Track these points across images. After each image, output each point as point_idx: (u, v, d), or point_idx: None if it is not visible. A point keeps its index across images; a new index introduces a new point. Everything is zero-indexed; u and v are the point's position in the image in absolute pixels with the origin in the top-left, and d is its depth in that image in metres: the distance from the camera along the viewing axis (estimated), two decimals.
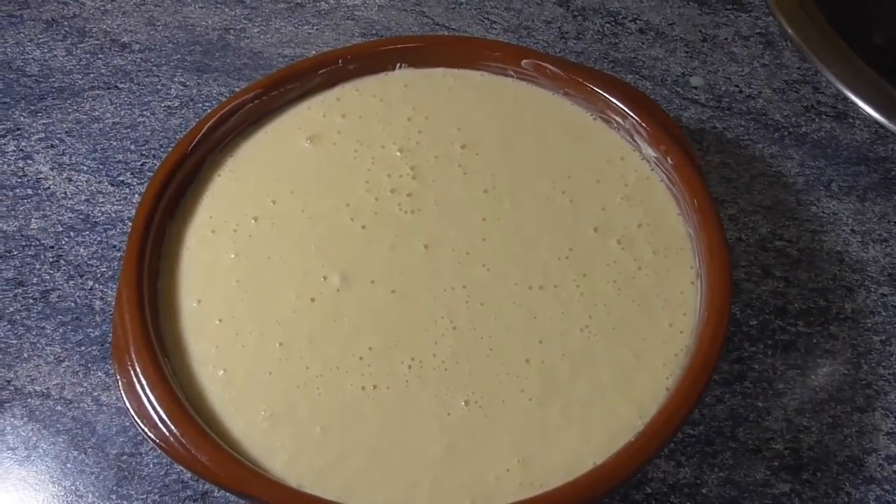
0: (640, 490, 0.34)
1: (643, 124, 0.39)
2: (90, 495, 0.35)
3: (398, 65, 0.44)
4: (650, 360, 0.33)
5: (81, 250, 0.43)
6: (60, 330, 0.40)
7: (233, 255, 0.37)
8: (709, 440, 0.36)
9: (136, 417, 0.30)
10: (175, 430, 0.30)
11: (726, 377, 0.38)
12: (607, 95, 0.41)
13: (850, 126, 0.48)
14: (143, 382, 0.31)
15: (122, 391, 0.31)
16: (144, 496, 0.35)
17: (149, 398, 0.31)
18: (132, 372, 0.31)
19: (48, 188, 0.45)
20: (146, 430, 0.30)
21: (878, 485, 0.34)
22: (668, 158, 0.38)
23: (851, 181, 0.45)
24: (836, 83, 0.51)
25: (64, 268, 0.42)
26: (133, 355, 0.32)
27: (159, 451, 0.30)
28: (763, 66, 0.52)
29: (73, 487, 0.35)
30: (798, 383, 0.37)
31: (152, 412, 0.30)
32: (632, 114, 0.40)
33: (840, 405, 0.37)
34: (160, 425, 0.30)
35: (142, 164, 0.47)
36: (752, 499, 0.34)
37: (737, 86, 0.51)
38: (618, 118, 0.41)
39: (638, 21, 0.55)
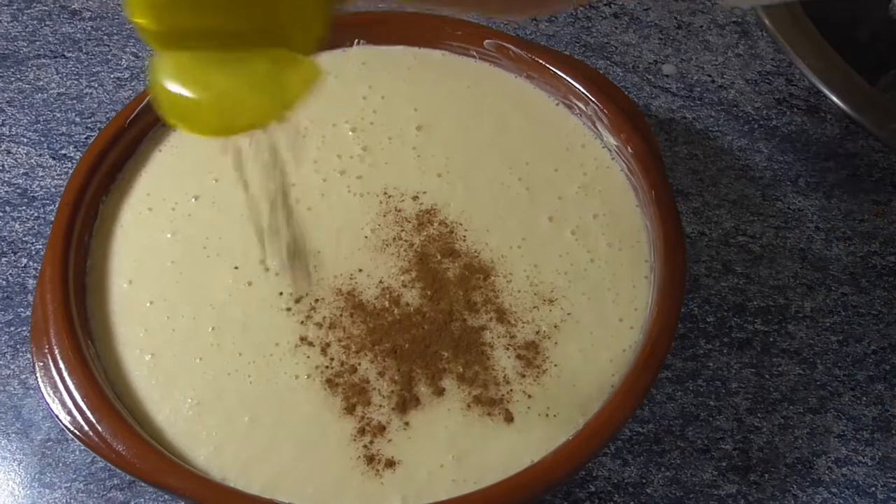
0: (584, 488, 0.33)
1: (604, 110, 0.38)
2: (11, 483, 0.33)
3: (356, 41, 0.42)
4: (597, 356, 0.32)
5: (17, 226, 0.41)
6: None
7: (169, 235, 0.35)
8: (657, 438, 0.35)
9: (50, 403, 0.29)
10: (91, 418, 0.28)
11: (679, 374, 0.37)
12: (570, 80, 0.39)
13: (822, 120, 0.47)
14: (61, 366, 0.29)
15: (37, 375, 0.29)
16: (69, 484, 0.33)
17: (65, 383, 0.29)
18: (49, 356, 0.30)
19: None
20: (60, 416, 0.28)
21: (825, 488, 0.34)
22: (629, 147, 0.37)
23: (819, 177, 0.44)
24: (809, 75, 0.50)
25: None
26: (52, 338, 0.30)
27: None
28: (737, 56, 0.50)
29: None
30: (752, 382, 0.36)
31: (68, 398, 0.29)
32: (594, 99, 0.38)
33: (793, 406, 0.36)
34: (75, 412, 0.28)
35: (86, 138, 0.44)
36: (697, 500, 0.33)
37: (709, 75, 0.49)
38: (580, 104, 0.39)
39: (613, 5, 0.53)
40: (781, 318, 0.39)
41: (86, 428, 0.28)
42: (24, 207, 0.42)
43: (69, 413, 0.28)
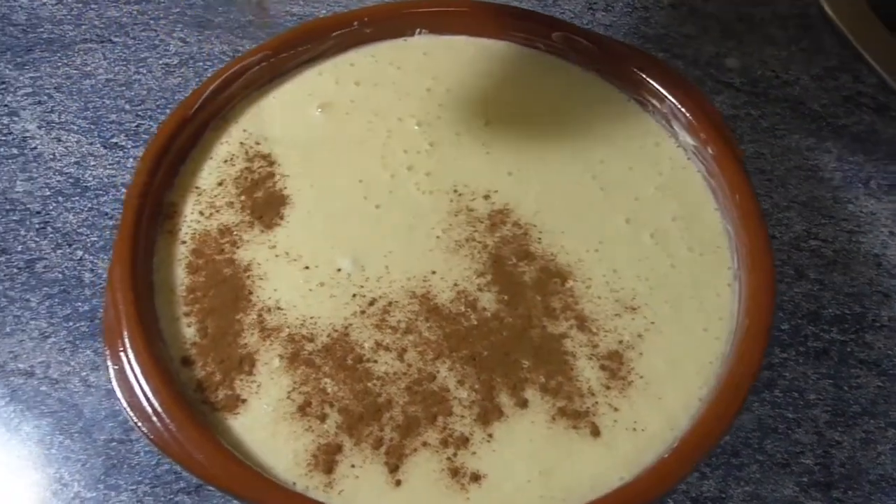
0: (661, 501, 0.33)
1: (682, 109, 0.37)
2: (76, 484, 0.33)
3: (418, 30, 0.40)
4: (683, 368, 0.31)
5: (70, 217, 0.40)
6: (46, 303, 0.37)
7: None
8: (735, 451, 0.34)
9: (127, 409, 0.28)
10: (171, 425, 0.27)
11: (755, 384, 0.36)
12: (644, 75, 0.38)
13: (892, 119, 0.46)
14: (137, 371, 0.28)
15: (113, 379, 0.28)
16: (134, 487, 0.33)
17: (142, 388, 0.28)
18: (125, 359, 0.29)
19: (35, 148, 0.42)
20: (138, 422, 0.28)
21: None
22: (708, 148, 0.35)
23: (891, 179, 0.43)
24: (879, 69, 0.48)
25: (51, 235, 0.39)
26: (126, 341, 0.29)
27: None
28: (801, 51, 0.49)
29: (58, 475, 0.33)
30: (830, 394, 0.36)
31: (146, 403, 0.28)
32: (670, 97, 0.37)
33: (874, 419, 0.35)
34: (154, 418, 0.28)
35: (137, 126, 0.43)
36: None
37: (773, 70, 0.48)
38: (654, 101, 0.38)
39: None
40: (858, 326, 0.38)
41: (165, 435, 0.27)
42: (76, 198, 0.40)
43: (147, 419, 0.28)
